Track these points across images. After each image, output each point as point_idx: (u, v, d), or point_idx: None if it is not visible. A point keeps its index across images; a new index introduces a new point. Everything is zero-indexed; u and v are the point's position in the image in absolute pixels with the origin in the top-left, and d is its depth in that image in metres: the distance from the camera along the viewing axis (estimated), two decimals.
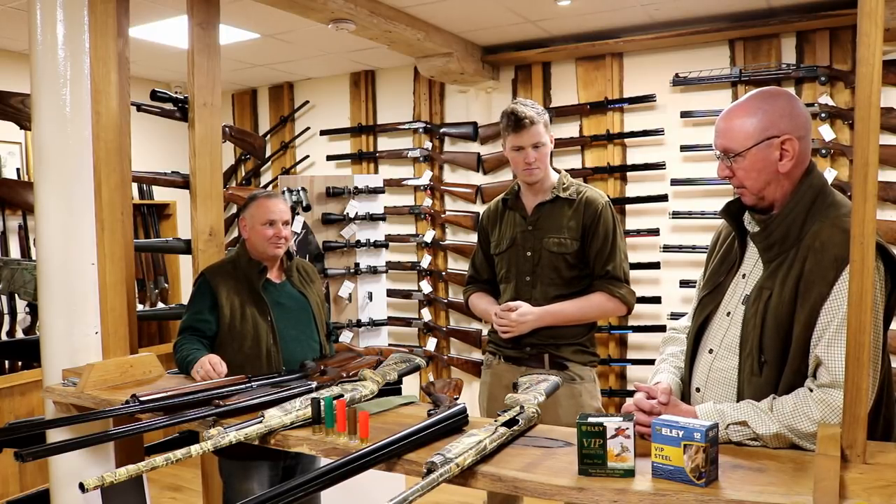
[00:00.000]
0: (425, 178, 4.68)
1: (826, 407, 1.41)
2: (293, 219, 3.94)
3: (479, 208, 4.43)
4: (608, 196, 2.50)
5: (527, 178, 2.42)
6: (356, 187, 4.13)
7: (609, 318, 4.04)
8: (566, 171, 2.55)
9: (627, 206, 4.14)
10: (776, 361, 1.50)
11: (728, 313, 1.64)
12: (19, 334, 3.92)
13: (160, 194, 4.91)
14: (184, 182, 2.85)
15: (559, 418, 2.23)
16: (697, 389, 1.66)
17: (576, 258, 2.39)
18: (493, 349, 2.55)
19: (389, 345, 4.43)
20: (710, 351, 1.65)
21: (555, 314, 2.38)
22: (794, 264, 1.50)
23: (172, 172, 2.94)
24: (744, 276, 1.64)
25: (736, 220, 1.68)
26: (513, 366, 2.46)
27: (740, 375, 1.56)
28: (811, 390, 1.45)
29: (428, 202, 4.69)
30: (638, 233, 4.03)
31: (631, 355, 4.18)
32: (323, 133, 5.08)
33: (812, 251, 1.48)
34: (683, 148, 3.87)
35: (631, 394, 1.64)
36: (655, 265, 3.96)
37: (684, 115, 3.90)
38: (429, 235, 4.67)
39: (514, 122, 2.35)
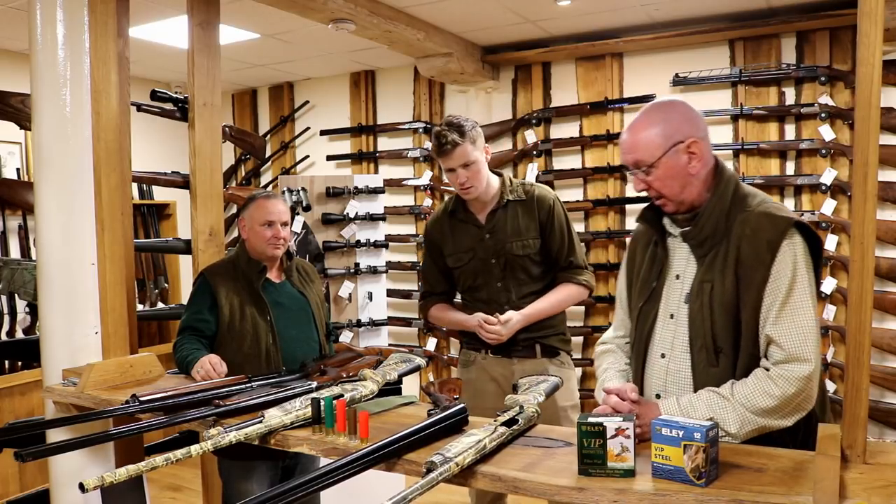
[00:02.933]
0: (425, 178, 4.68)
1: (783, 381, 1.46)
2: (293, 219, 3.94)
3: None
4: (555, 196, 2.56)
5: (465, 196, 2.47)
6: (356, 187, 4.13)
7: (609, 319, 4.04)
8: (565, 171, 2.56)
9: (627, 206, 4.14)
10: (731, 349, 1.55)
11: (671, 315, 1.66)
12: (19, 334, 3.91)
13: (160, 194, 4.90)
14: (184, 182, 2.85)
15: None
16: (658, 395, 1.67)
17: (539, 255, 2.47)
18: (476, 346, 2.54)
19: (389, 345, 4.43)
20: (663, 356, 1.66)
21: (536, 314, 2.45)
22: (728, 254, 1.56)
23: (172, 172, 2.94)
24: (678, 276, 1.66)
25: (655, 226, 1.71)
26: (503, 358, 2.49)
27: (695, 370, 1.58)
28: (767, 370, 1.50)
29: (428, 202, 4.69)
30: None
31: None
32: (323, 133, 5.08)
33: (745, 238, 1.54)
34: None
35: None
36: None
37: None
38: None
39: (437, 146, 2.40)
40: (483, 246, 2.47)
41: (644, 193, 1.66)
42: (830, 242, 3.59)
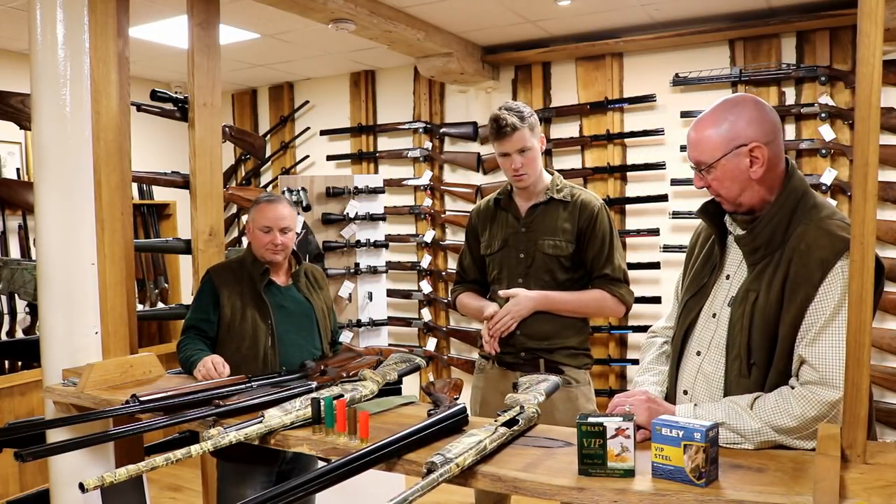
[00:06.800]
0: (425, 178, 4.69)
1: (806, 402, 1.42)
2: None
3: None
4: (602, 198, 2.49)
5: (517, 183, 2.42)
6: (356, 187, 4.13)
7: (609, 319, 4.04)
8: (565, 171, 2.54)
9: (627, 206, 4.14)
10: (764, 363, 1.52)
11: (714, 315, 1.64)
12: (19, 334, 3.92)
13: (160, 194, 4.91)
14: (184, 182, 2.85)
15: (556, 423, 2.22)
16: (685, 392, 1.66)
17: (570, 261, 2.39)
18: (486, 354, 2.51)
19: (389, 345, 4.43)
20: (698, 353, 1.65)
21: (551, 300, 2.37)
22: (779, 266, 1.51)
23: (172, 172, 2.94)
24: (727, 277, 1.64)
25: (715, 221, 1.68)
26: (507, 371, 2.44)
27: (727, 377, 1.56)
28: (793, 388, 1.46)
29: (428, 202, 4.69)
30: (638, 233, 4.02)
31: (631, 355, 4.17)
32: (323, 133, 5.08)
33: (798, 253, 1.49)
34: (683, 148, 3.85)
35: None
36: (655, 265, 3.95)
37: (684, 115, 3.90)
38: (429, 235, 4.67)
39: (496, 129, 2.35)
40: (516, 238, 2.43)
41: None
42: None
